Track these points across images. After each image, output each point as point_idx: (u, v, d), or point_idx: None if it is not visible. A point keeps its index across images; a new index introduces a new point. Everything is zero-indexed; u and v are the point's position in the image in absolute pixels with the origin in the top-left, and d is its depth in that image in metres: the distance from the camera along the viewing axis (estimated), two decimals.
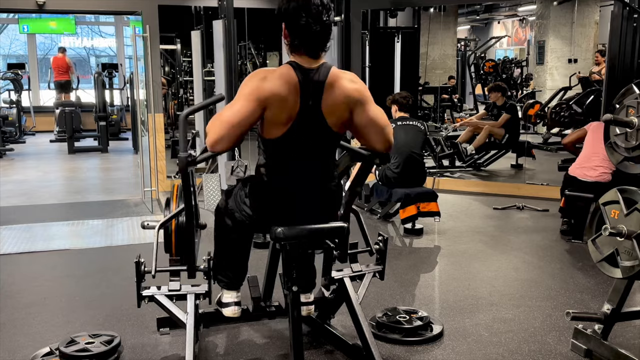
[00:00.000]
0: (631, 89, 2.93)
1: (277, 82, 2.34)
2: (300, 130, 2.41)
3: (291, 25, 2.37)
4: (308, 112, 2.39)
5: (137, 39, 6.26)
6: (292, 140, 2.43)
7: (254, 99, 2.33)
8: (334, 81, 2.42)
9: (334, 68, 2.46)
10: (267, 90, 2.32)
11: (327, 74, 2.41)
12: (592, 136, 4.96)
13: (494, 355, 3.01)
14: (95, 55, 22.44)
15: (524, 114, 9.20)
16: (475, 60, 14.13)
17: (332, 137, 2.52)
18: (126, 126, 12.46)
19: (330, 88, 2.41)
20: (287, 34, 2.40)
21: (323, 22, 2.35)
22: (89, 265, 4.45)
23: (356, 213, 3.06)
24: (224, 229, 2.72)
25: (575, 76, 9.87)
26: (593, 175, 4.84)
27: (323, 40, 2.40)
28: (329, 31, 2.40)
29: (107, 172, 8.93)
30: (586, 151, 4.98)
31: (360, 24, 7.10)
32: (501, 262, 4.53)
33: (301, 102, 2.37)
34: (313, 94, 2.38)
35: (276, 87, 2.33)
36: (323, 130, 2.45)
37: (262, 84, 2.33)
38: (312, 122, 2.42)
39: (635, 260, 2.67)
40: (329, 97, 2.41)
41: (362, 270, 3.02)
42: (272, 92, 2.32)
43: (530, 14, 14.80)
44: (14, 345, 3.10)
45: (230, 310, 2.83)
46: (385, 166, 5.30)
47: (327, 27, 2.38)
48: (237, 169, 5.41)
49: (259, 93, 2.32)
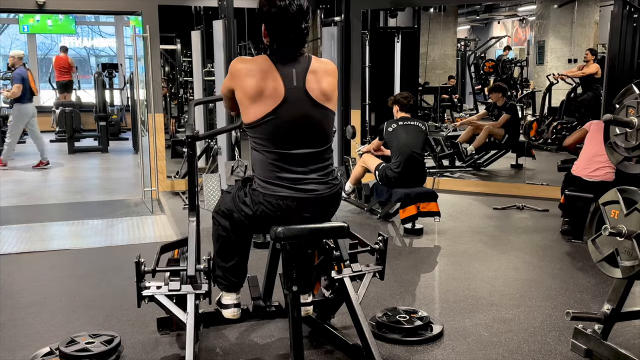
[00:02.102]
0: (631, 89, 2.92)
1: (248, 62, 2.46)
2: (287, 112, 2.41)
3: (270, 29, 2.46)
4: (292, 93, 2.42)
5: (137, 39, 6.26)
6: (281, 125, 2.42)
7: (229, 77, 2.50)
8: (316, 67, 2.49)
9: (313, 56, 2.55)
10: (238, 67, 2.46)
11: (308, 60, 2.49)
12: (593, 135, 4.94)
13: (494, 355, 3.02)
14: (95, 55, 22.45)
15: (526, 135, 9.24)
16: (475, 60, 14.13)
17: (324, 116, 2.52)
18: (126, 126, 12.46)
19: (312, 72, 2.47)
20: (267, 34, 2.49)
21: (300, 29, 2.44)
22: (89, 265, 4.45)
23: None
24: (223, 229, 2.72)
25: (552, 76, 9.92)
26: (600, 175, 4.81)
27: (299, 45, 2.48)
28: (305, 37, 2.49)
29: (107, 172, 8.93)
30: (589, 150, 4.94)
31: (360, 24, 7.10)
32: (501, 262, 4.53)
33: (285, 84, 2.41)
34: (297, 77, 2.43)
35: (246, 65, 2.45)
36: (311, 107, 2.46)
37: (235, 64, 2.48)
38: (299, 100, 2.44)
39: (635, 260, 2.67)
40: (312, 79, 2.46)
41: (362, 270, 3.02)
42: (241, 69, 2.44)
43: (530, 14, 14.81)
44: (14, 345, 3.10)
45: (230, 312, 2.84)
46: (386, 166, 5.31)
47: (303, 34, 2.46)
48: (237, 169, 5.41)
49: (232, 71, 2.48)
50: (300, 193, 2.48)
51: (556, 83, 9.78)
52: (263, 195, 2.49)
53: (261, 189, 2.49)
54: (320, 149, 2.52)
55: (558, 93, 9.98)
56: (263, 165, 2.49)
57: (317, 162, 2.52)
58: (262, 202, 2.49)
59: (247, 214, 2.58)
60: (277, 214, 2.48)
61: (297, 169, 2.48)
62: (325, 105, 2.50)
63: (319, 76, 2.49)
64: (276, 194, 2.46)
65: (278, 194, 2.46)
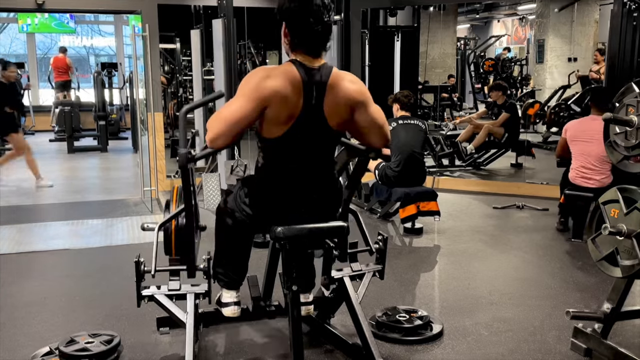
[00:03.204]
0: (631, 87, 2.92)
1: (279, 80, 2.33)
2: (301, 130, 2.41)
3: (292, 24, 2.38)
4: (310, 112, 2.39)
5: (137, 38, 6.25)
6: (293, 140, 2.43)
7: (254, 98, 2.31)
8: (335, 82, 2.42)
9: (335, 69, 2.47)
10: (269, 88, 2.31)
11: (329, 74, 2.41)
12: (577, 138, 4.92)
13: (493, 354, 3.01)
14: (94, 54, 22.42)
15: (524, 113, 9.22)
16: (475, 59, 14.12)
17: (333, 136, 2.53)
18: (126, 125, 12.43)
19: (332, 89, 2.41)
20: (287, 32, 2.40)
21: (324, 22, 2.37)
22: (89, 265, 4.45)
23: (355, 213, 3.06)
24: (224, 228, 2.72)
25: (575, 75, 9.87)
26: (597, 180, 4.81)
27: (324, 40, 2.41)
28: (329, 30, 2.41)
29: (107, 171, 8.93)
30: (579, 157, 4.92)
31: (360, 23, 7.10)
32: (501, 261, 4.52)
33: (304, 102, 2.37)
34: (316, 94, 2.38)
35: (279, 86, 2.32)
36: (324, 130, 2.45)
37: (264, 82, 2.31)
38: (314, 121, 2.41)
39: (635, 259, 2.66)
40: (331, 98, 2.41)
41: (362, 270, 3.02)
42: (274, 90, 2.31)
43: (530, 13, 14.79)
44: (14, 345, 3.10)
45: (230, 310, 2.83)
46: (386, 165, 5.31)
47: (328, 27, 2.40)
48: (237, 168, 5.41)
49: (260, 92, 2.30)
50: (302, 190, 2.52)
51: (575, 83, 9.72)
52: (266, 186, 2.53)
53: (264, 180, 2.54)
54: (324, 160, 2.57)
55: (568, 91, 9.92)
56: (268, 163, 2.52)
57: (320, 166, 2.56)
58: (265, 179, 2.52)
59: (248, 213, 2.59)
60: (282, 192, 2.51)
61: (301, 171, 2.51)
62: (336, 129, 2.48)
63: (336, 94, 2.42)
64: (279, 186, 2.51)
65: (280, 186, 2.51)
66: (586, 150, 4.84)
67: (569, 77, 9.92)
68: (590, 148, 4.78)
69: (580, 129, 4.93)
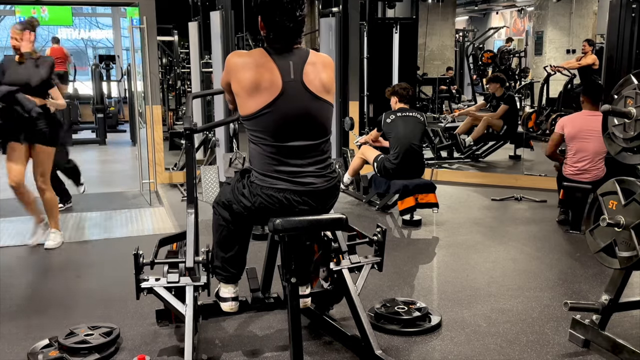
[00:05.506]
0: (629, 79, 2.92)
1: (244, 55, 2.48)
2: (284, 104, 2.41)
3: (266, 20, 2.46)
4: (290, 86, 2.42)
5: (134, 30, 6.23)
6: (278, 118, 2.42)
7: (225, 72, 2.51)
8: (314, 60, 2.50)
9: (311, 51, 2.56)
10: (234, 61, 2.47)
11: (306, 52, 2.51)
12: (575, 137, 4.93)
13: (492, 345, 3.03)
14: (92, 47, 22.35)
15: (525, 127, 9.23)
16: (474, 51, 14.11)
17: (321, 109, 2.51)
18: (124, 118, 12.42)
19: (310, 64, 2.48)
20: (263, 26, 2.49)
21: (296, 17, 2.44)
22: (87, 258, 4.45)
23: None
24: (222, 220, 2.72)
25: (549, 68, 9.90)
26: (592, 175, 4.85)
27: (296, 35, 2.49)
28: (301, 25, 2.49)
29: (105, 164, 8.92)
30: (576, 154, 4.95)
31: (358, 15, 7.06)
32: (499, 253, 4.54)
33: (282, 77, 2.41)
34: (294, 69, 2.44)
35: (242, 56, 2.47)
36: (309, 100, 2.46)
37: (232, 57, 2.50)
38: (296, 93, 2.44)
39: (633, 250, 2.67)
40: (310, 71, 2.47)
41: (361, 262, 3.02)
42: (238, 60, 2.46)
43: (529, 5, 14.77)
44: (13, 337, 3.10)
45: (228, 306, 2.84)
46: (385, 157, 5.31)
47: (300, 22, 2.47)
48: (235, 161, 5.41)
49: (227, 64, 2.49)
50: (298, 186, 2.48)
51: (553, 74, 9.77)
52: (261, 188, 2.49)
53: (259, 182, 2.49)
54: (318, 141, 2.52)
55: (556, 84, 9.98)
56: (261, 158, 2.49)
57: (315, 154, 2.52)
58: (260, 195, 2.49)
59: (246, 205, 2.58)
60: (276, 206, 2.48)
61: (295, 161, 2.48)
62: (324, 97, 2.50)
63: (317, 68, 2.49)
64: (274, 186, 2.47)
65: (276, 186, 2.47)
66: (583, 148, 4.88)
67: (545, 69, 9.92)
68: (587, 145, 4.86)
69: (577, 127, 4.93)
